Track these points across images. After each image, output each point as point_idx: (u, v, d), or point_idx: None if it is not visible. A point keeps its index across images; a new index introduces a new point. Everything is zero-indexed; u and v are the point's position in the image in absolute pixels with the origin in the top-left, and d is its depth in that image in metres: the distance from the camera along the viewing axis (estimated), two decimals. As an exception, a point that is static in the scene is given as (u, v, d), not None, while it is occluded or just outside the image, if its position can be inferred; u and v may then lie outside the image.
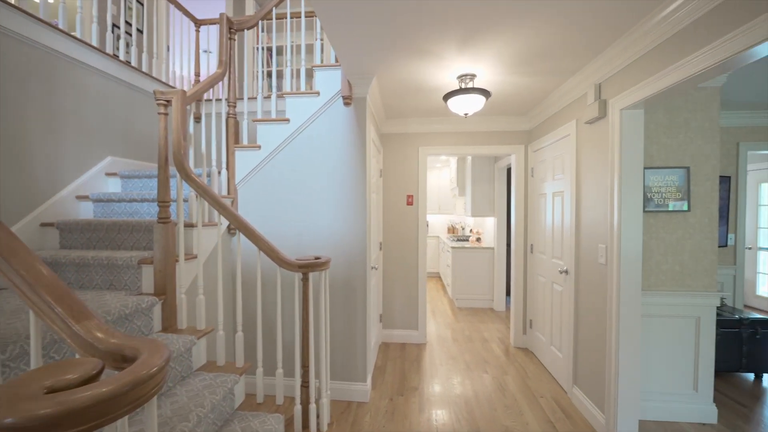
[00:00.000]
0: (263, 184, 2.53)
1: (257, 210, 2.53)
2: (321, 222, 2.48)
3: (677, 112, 2.22)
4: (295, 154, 2.50)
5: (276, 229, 2.51)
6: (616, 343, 1.99)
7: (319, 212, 2.48)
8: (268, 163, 2.52)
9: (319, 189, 2.48)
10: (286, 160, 2.51)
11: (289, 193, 2.51)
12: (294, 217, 2.51)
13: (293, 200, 2.50)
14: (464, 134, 3.53)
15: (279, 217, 2.52)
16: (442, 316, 4.57)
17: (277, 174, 2.51)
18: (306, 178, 2.50)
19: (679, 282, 2.23)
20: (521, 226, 3.46)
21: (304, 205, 2.50)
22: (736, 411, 2.39)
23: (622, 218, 1.95)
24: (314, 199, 2.49)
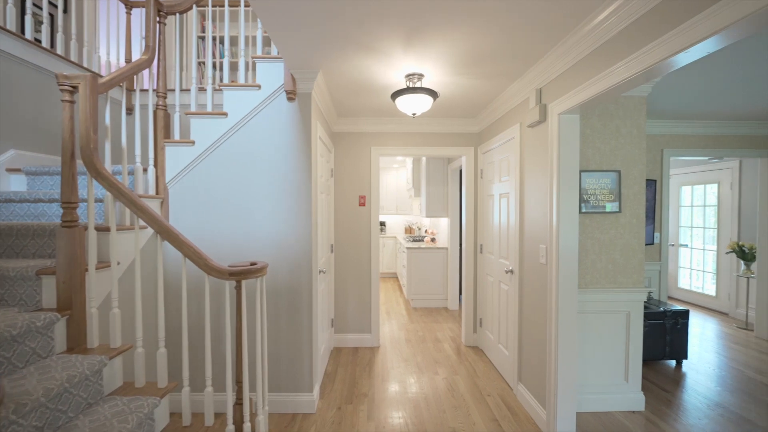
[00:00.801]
0: (198, 183, 2.31)
1: (192, 212, 2.32)
2: (263, 224, 2.32)
3: (610, 119, 2.35)
4: (234, 152, 2.32)
5: (213, 233, 2.32)
6: (556, 340, 2.06)
7: (261, 214, 2.32)
8: (203, 161, 2.32)
9: (260, 189, 2.32)
10: (225, 157, 2.32)
11: (227, 193, 2.32)
12: (233, 219, 2.32)
13: (232, 201, 2.32)
14: (416, 135, 3.53)
15: (217, 220, 2.32)
16: (397, 317, 4.54)
17: (215, 173, 2.32)
18: (246, 177, 2.32)
19: (611, 279, 2.36)
20: (471, 226, 3.52)
21: (245, 206, 2.33)
22: (660, 397, 2.58)
23: (560, 219, 2.02)
24: (256, 200, 2.32)
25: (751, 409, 2.43)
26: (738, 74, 2.35)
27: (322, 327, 2.86)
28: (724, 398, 2.57)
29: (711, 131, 3.60)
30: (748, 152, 3.65)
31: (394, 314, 4.67)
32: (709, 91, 2.69)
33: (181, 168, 2.31)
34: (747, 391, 2.68)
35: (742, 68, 2.26)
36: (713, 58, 2.12)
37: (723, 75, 2.37)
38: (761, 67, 2.23)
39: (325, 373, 2.95)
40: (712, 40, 1.16)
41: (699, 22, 1.17)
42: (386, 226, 7.77)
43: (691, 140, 3.62)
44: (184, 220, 2.31)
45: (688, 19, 1.21)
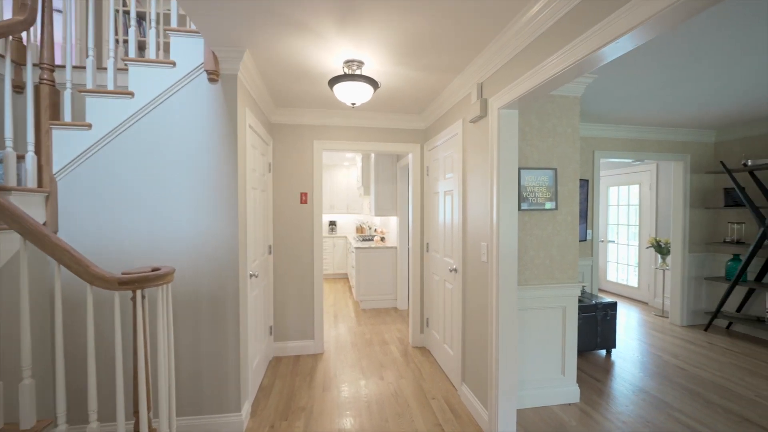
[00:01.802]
0: (99, 175, 1.95)
1: (91, 209, 1.94)
2: (181, 224, 2.02)
3: (547, 117, 2.39)
4: (144, 138, 1.99)
5: (119, 234, 1.96)
6: (496, 338, 2.02)
7: (179, 212, 2.02)
8: (104, 148, 1.95)
9: (177, 183, 2.01)
10: (132, 145, 1.98)
11: (135, 187, 1.98)
12: (144, 218, 1.99)
13: (141, 196, 1.98)
14: (362, 130, 3.38)
15: (123, 219, 1.97)
16: (344, 320, 4.36)
17: (120, 163, 1.96)
18: (160, 168, 2.00)
19: (549, 275, 2.40)
20: (418, 225, 3.45)
21: (158, 203, 2.00)
22: (593, 387, 2.69)
23: (501, 216, 1.98)
24: (172, 195, 2.01)
25: (668, 392, 2.62)
26: (656, 82, 2.52)
27: (256, 336, 2.59)
28: (646, 383, 2.75)
29: (634, 135, 3.90)
30: (664, 156, 4.01)
31: (342, 317, 4.48)
32: (632, 98, 2.87)
33: (74, 156, 1.92)
34: (664, 374, 2.90)
35: (659, 76, 2.41)
36: (636, 67, 2.23)
37: (644, 83, 2.52)
38: (675, 76, 2.40)
39: (260, 387, 2.68)
40: (632, 34, 1.17)
41: (619, 17, 1.18)
42: (337, 225, 7.54)
43: (618, 143, 3.89)
44: (79, 219, 1.93)
45: (609, 15, 1.23)
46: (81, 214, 1.94)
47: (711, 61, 2.19)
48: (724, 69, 2.30)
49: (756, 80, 2.50)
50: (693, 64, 2.23)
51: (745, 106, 3.11)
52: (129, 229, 1.97)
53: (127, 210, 1.97)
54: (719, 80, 2.50)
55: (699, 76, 2.43)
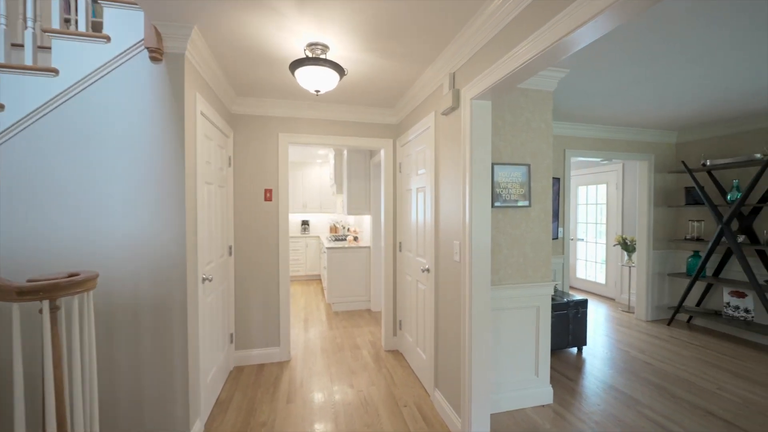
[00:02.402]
0: (14, 164, 1.66)
1: (5, 203, 1.65)
2: (113, 221, 1.77)
3: (520, 112, 2.32)
4: (70, 123, 1.72)
5: (40, 233, 1.68)
6: (469, 341, 1.92)
7: (111, 207, 1.76)
8: (21, 133, 1.67)
9: (111, 175, 1.76)
10: (55, 129, 1.70)
11: (60, 179, 1.71)
12: (72, 215, 1.72)
13: (67, 190, 1.72)
14: (332, 124, 3.20)
15: (46, 215, 1.69)
16: (315, 324, 4.16)
17: (42, 150, 1.69)
18: (89, 158, 1.74)
19: (522, 274, 2.33)
20: (391, 223, 3.32)
21: (86, 197, 1.74)
22: (565, 386, 2.66)
23: (473, 213, 1.88)
24: (103, 189, 1.76)
25: (636, 388, 2.63)
26: (624, 79, 2.52)
27: (212, 346, 2.36)
28: (616, 380, 2.75)
29: (603, 135, 3.96)
30: (630, 155, 4.10)
31: (313, 321, 4.28)
32: (601, 95, 2.87)
33: (-18, 143, 1.63)
34: (632, 370, 2.93)
35: (627, 73, 2.40)
36: (606, 62, 2.20)
37: (612, 80, 2.51)
38: (641, 74, 2.40)
39: (217, 401, 2.45)
40: (596, 21, 1.12)
41: (583, 3, 1.13)
42: (310, 225, 7.29)
43: (588, 142, 3.93)
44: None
45: (575, 0, 1.17)
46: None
47: (676, 60, 2.19)
48: (687, 69, 2.32)
49: (714, 83, 2.55)
50: (659, 62, 2.23)
51: (704, 107, 3.21)
52: (54, 227, 1.70)
53: (51, 207, 1.70)
54: (682, 80, 2.53)
55: (664, 74, 2.45)
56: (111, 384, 1.78)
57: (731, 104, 3.12)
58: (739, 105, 3.14)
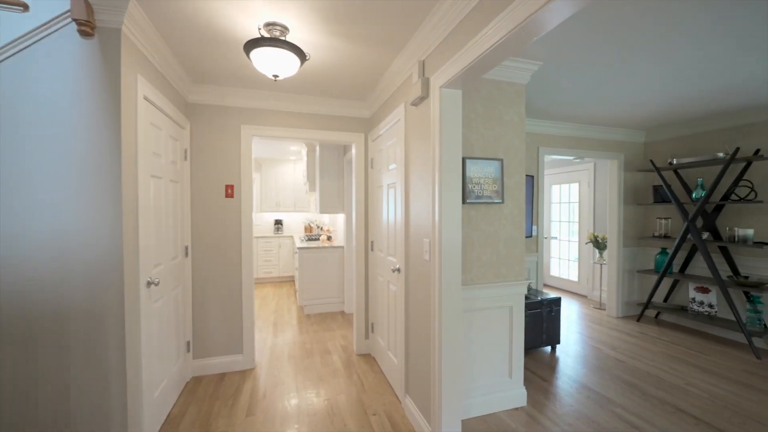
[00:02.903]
0: None
1: None
2: (33, 218, 1.54)
3: (493, 105, 2.23)
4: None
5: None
6: (439, 344, 1.80)
7: (29, 203, 1.53)
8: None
9: (29, 165, 1.53)
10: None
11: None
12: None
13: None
14: (301, 116, 3.02)
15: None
16: (285, 328, 3.96)
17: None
18: (11, 145, 1.51)
19: (495, 273, 2.25)
20: (362, 221, 3.18)
21: (7, 189, 1.50)
22: (539, 387, 2.60)
23: (443, 210, 1.77)
24: (28, 180, 1.52)
25: (609, 386, 2.61)
26: (596, 76, 2.49)
27: (161, 357, 2.14)
28: (588, 379, 2.73)
29: (576, 133, 3.97)
30: (602, 154, 4.14)
31: (283, 325, 4.07)
32: (574, 92, 2.84)
33: None
34: (605, 368, 2.92)
35: (599, 70, 2.37)
36: (579, 55, 2.15)
37: (584, 76, 2.48)
38: (613, 71, 2.37)
39: (168, 418, 2.23)
40: None
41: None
42: (283, 224, 7.03)
43: (561, 140, 3.93)
44: None
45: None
46: None
47: (643, 56, 2.17)
48: (653, 66, 2.31)
49: (677, 83, 2.57)
50: (627, 59, 2.20)
51: (669, 107, 3.26)
52: (-41, 226, 1.46)
53: (-43, 201, 1.45)
54: (648, 78, 2.53)
55: (632, 71, 2.43)
56: (33, 407, 1.54)
57: (694, 104, 3.18)
58: (700, 105, 3.21)
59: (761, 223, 3.35)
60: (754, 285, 3.23)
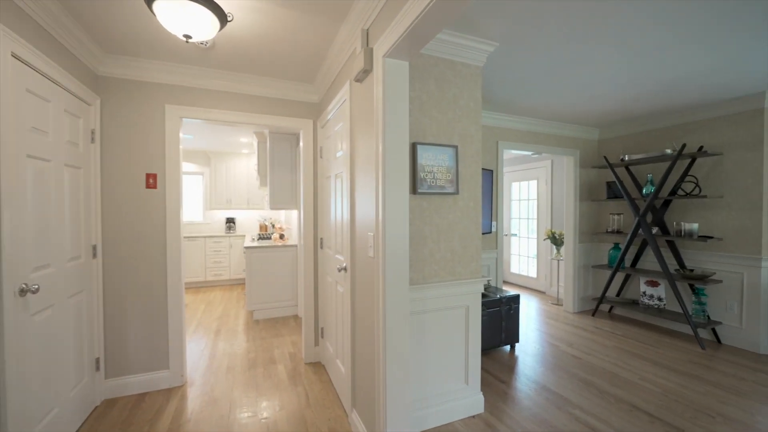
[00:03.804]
0: None
1: None
2: None
3: (447, 86, 2.05)
4: None
5: None
6: (383, 352, 1.58)
7: None
8: None
9: None
10: None
11: None
12: None
13: None
14: (240, 98, 2.68)
15: None
16: (228, 336, 3.57)
17: None
18: None
19: (450, 270, 2.06)
20: (310, 216, 2.89)
21: None
22: (497, 390, 2.46)
23: (387, 199, 1.54)
24: None
25: (567, 386, 2.52)
26: (554, 62, 2.39)
27: (49, 381, 1.74)
28: (547, 378, 2.64)
29: (534, 128, 3.94)
30: (559, 150, 4.14)
31: (227, 333, 3.68)
32: (531, 80, 2.74)
33: None
34: (562, 366, 2.85)
35: (558, 54, 2.27)
36: (536, 39, 2.02)
37: (542, 62, 2.37)
38: (566, 58, 2.28)
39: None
40: None
41: None
42: (236, 223, 6.54)
43: (520, 135, 3.88)
44: None
45: None
46: None
47: (598, 42, 2.09)
48: (609, 55, 2.25)
49: (631, 77, 2.55)
50: (582, 45, 2.11)
51: (622, 102, 3.28)
52: None
53: None
54: (604, 68, 2.47)
55: (587, 59, 2.36)
56: None
57: (643, 101, 3.21)
58: (648, 102, 3.26)
59: (705, 218, 3.46)
60: (698, 278, 3.32)
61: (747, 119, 3.16)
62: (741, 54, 2.28)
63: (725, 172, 3.31)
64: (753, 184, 3.13)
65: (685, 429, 2.03)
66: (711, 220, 3.42)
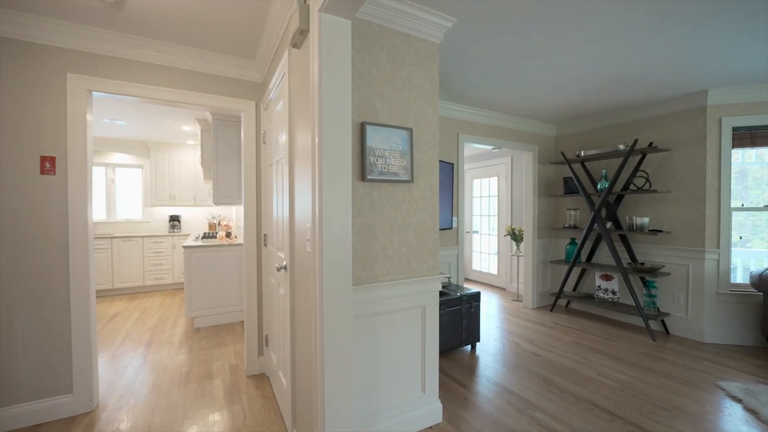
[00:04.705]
0: None
1: None
2: None
3: (401, 63, 1.84)
4: None
5: None
6: (321, 360, 1.33)
7: None
8: None
9: None
10: None
11: None
12: None
13: None
14: (169, 72, 2.30)
15: None
16: (161, 348, 3.13)
17: None
18: None
19: (405, 267, 1.85)
20: (253, 209, 2.57)
21: None
22: (457, 396, 2.30)
23: (324, 185, 1.30)
24: None
25: (528, 386, 2.42)
26: (507, 54, 2.27)
27: None
28: (508, 379, 2.52)
29: (494, 123, 3.86)
30: (519, 145, 4.11)
31: (160, 344, 3.23)
32: (491, 68, 2.62)
33: None
34: (523, 365, 2.76)
35: (511, 47, 2.15)
36: (492, 23, 1.87)
37: (501, 47, 2.24)
38: (525, 58, 2.17)
39: None
40: None
41: None
42: (181, 221, 5.96)
43: (480, 128, 3.78)
44: None
45: None
46: None
47: (567, 27, 1.98)
48: (576, 41, 2.16)
49: (586, 69, 2.51)
50: (549, 28, 2.00)
51: (578, 98, 3.27)
52: None
53: None
54: (568, 54, 2.40)
55: (552, 46, 2.26)
56: None
57: (595, 97, 3.23)
58: (602, 98, 3.28)
59: (655, 212, 3.56)
60: (648, 270, 3.39)
61: (692, 116, 3.27)
62: (685, 49, 2.28)
63: (673, 168, 3.41)
64: (697, 179, 3.24)
65: (644, 426, 1.97)
66: (660, 214, 3.52)
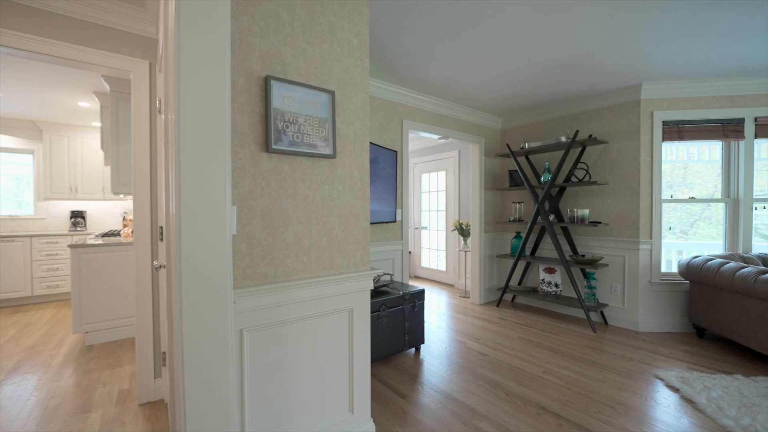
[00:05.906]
0: None
1: None
2: None
3: (320, 8, 1.49)
4: None
5: None
6: (182, 395, 0.94)
7: None
8: None
9: None
10: None
11: None
12: None
13: None
14: (30, 12, 1.72)
15: None
16: (33, 372, 2.46)
17: None
18: None
19: (326, 262, 1.51)
20: (146, 196, 2.06)
21: None
22: (396, 410, 2.01)
23: (182, 154, 0.91)
24: None
25: (473, 392, 2.21)
26: (449, 38, 2.04)
27: None
28: (453, 385, 2.29)
29: (441, 111, 3.67)
30: (465, 136, 3.97)
31: (33, 368, 2.55)
32: (431, 43, 2.38)
33: None
34: (469, 367, 2.55)
35: (452, 24, 1.91)
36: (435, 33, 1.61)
37: (439, 19, 2.00)
38: (469, 28, 1.95)
39: None
40: None
41: None
42: (87, 217, 5.06)
43: (426, 116, 3.56)
44: None
45: None
46: None
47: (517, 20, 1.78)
48: (519, 13, 1.98)
49: (535, 54, 2.37)
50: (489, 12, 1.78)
51: (522, 88, 3.18)
52: None
53: None
54: (513, 28, 2.23)
55: (496, 18, 2.06)
56: None
57: (540, 87, 3.16)
58: (546, 90, 3.22)
59: (595, 204, 3.59)
60: (588, 262, 3.40)
61: (627, 110, 3.32)
62: (624, 36, 2.22)
63: (611, 160, 3.46)
64: (632, 171, 3.30)
65: (592, 428, 1.83)
66: (599, 206, 3.55)
